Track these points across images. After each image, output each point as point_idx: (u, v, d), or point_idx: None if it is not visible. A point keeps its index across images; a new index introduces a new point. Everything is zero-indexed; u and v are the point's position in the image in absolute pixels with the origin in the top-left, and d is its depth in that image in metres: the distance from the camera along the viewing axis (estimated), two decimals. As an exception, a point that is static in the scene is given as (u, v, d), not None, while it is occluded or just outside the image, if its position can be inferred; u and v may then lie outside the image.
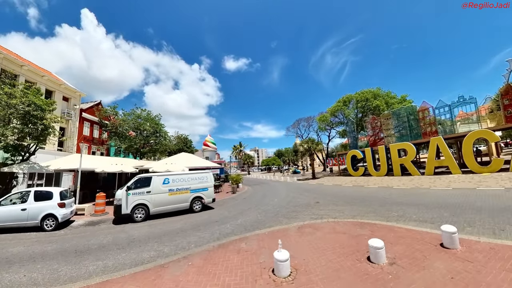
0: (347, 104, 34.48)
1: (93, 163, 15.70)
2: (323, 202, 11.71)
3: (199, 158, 23.68)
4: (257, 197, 15.30)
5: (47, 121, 13.18)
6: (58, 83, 22.77)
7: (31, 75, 20.00)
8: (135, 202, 10.44)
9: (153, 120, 30.71)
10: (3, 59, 17.45)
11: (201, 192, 12.05)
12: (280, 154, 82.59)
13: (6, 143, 12.15)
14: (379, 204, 10.18)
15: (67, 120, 23.75)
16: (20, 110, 12.14)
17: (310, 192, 15.84)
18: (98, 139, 28.76)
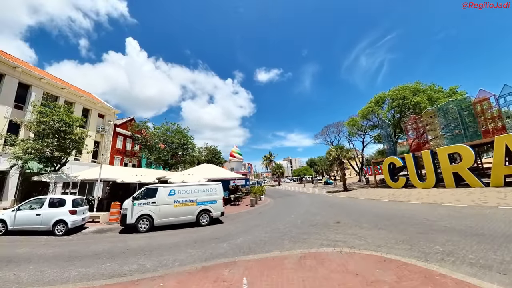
0: (380, 104, 30.65)
1: (115, 173, 16.67)
2: (346, 222, 9.91)
3: (221, 169, 23.69)
4: (273, 212, 14.13)
5: (74, 136, 14.56)
6: (94, 103, 25.81)
7: (70, 96, 23.06)
8: (140, 213, 10.44)
9: (181, 133, 32.37)
10: (46, 84, 20.52)
11: (208, 205, 11.49)
12: (312, 164, 78.44)
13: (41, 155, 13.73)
14: (419, 230, 7.73)
15: (102, 134, 26.43)
16: (51, 127, 13.69)
17: (334, 208, 14.00)
18: (130, 151, 31.31)
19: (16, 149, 13.03)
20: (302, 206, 15.71)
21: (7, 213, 9.27)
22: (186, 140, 32.88)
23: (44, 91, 20.18)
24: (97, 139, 26.03)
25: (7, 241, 8.46)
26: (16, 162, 13.51)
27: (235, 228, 10.06)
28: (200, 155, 45.66)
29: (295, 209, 14.50)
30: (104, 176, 16.40)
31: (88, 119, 25.00)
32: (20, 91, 18.04)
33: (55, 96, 21.29)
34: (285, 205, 17.11)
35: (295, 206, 16.36)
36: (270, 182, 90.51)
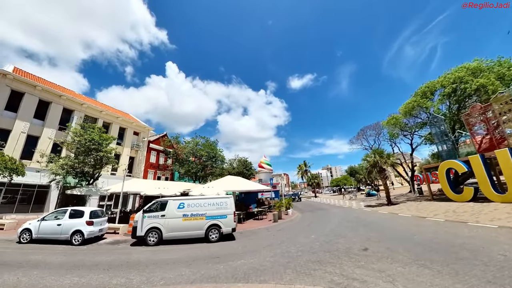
0: (427, 95, 24.57)
1: (142, 186, 17.68)
2: (375, 250, 7.78)
3: (245, 181, 23.13)
4: (293, 230, 12.70)
5: (102, 153, 16.07)
6: (130, 122, 28.86)
7: (108, 117, 26.31)
8: (149, 225, 10.54)
9: (209, 146, 33.54)
10: (87, 108, 23.84)
11: (218, 219, 11.02)
12: (353, 172, 70.02)
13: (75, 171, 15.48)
14: (491, 276, 4.90)
15: (136, 150, 29.01)
16: (83, 145, 15.41)
17: (368, 228, 11.71)
18: (163, 165, 33.57)
19: (53, 165, 14.96)
20: (329, 224, 13.83)
21: (33, 223, 10.34)
22: (214, 152, 34.06)
23: (86, 114, 23.52)
24: (132, 155, 28.68)
25: (28, 248, 9.33)
26: (54, 177, 15.43)
27: (243, 247, 9.22)
28: (231, 167, 46.26)
29: (319, 227, 12.82)
30: (130, 189, 17.56)
31: (124, 136, 27.94)
32: (64, 115, 21.19)
33: (94, 118, 24.57)
34: (310, 222, 15.43)
35: (321, 223, 14.58)
36: (308, 193, 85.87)
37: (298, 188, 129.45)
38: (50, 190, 17.13)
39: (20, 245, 9.63)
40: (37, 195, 17.71)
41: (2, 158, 12.64)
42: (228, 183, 20.43)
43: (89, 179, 17.29)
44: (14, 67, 19.73)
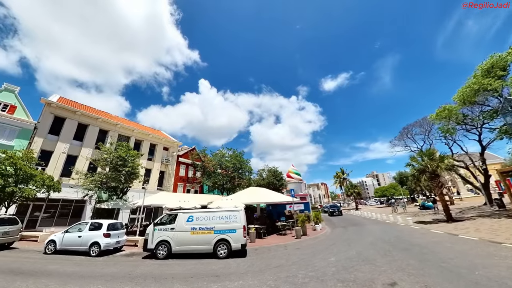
0: (496, 73, 19.06)
1: (164, 199, 18.48)
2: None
3: (269, 192, 22.37)
4: (312, 250, 11.30)
5: (128, 168, 17.41)
6: (160, 138, 31.21)
7: (139, 135, 28.86)
8: (159, 238, 10.75)
9: (236, 157, 33.99)
10: (120, 128, 26.53)
11: (227, 234, 10.63)
12: (403, 179, 59.28)
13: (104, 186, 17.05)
14: None
15: (166, 164, 30.93)
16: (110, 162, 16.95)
17: (407, 254, 9.24)
18: (192, 178, 34.99)
19: (85, 181, 16.72)
20: (358, 244, 12.01)
21: (57, 235, 11.44)
22: (240, 164, 34.35)
23: (119, 133, 26.25)
24: (162, 169, 30.65)
25: (50, 258, 10.27)
26: (87, 193, 17.17)
27: (248, 266, 8.61)
28: (261, 177, 45.82)
29: (344, 248, 11.20)
30: (154, 202, 18.49)
31: (155, 152, 30.19)
32: (100, 135, 23.90)
33: (127, 137, 27.25)
34: (337, 240, 13.74)
35: (349, 242, 12.79)
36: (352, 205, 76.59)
37: (339, 199, 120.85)
38: (86, 204, 19.12)
39: (44, 256, 10.68)
40: (74, 210, 20.01)
41: (41, 176, 14.60)
42: (249, 195, 20.01)
43: (118, 193, 18.78)
44: (59, 96, 23.43)
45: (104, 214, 17.96)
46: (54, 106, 20.96)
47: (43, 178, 14.77)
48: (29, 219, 17.70)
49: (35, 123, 19.40)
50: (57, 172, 19.64)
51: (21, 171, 13.48)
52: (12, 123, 18.19)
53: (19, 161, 13.62)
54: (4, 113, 18.12)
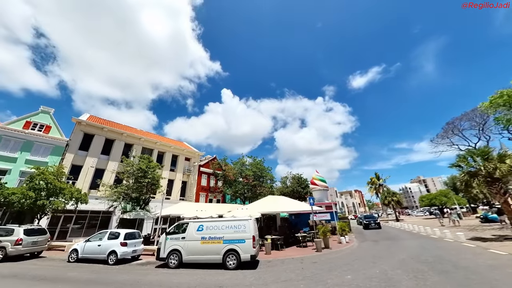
0: None
1: (182, 209, 19.03)
2: None
3: (288, 201, 21.68)
4: (330, 265, 10.24)
5: (147, 179, 18.35)
6: (181, 149, 32.71)
7: (162, 147, 30.48)
8: (171, 248, 11.01)
9: (255, 165, 33.89)
10: (144, 141, 28.38)
11: (236, 244, 10.46)
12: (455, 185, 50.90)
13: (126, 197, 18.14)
14: None
15: (188, 175, 32.01)
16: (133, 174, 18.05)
17: (444, 278, 7.43)
18: (214, 187, 35.57)
19: (109, 193, 17.95)
20: (386, 262, 10.71)
21: (80, 244, 12.29)
22: (261, 172, 34.09)
23: (143, 146, 28.11)
24: (184, 179, 31.78)
25: (72, 266, 11.09)
26: (112, 204, 18.37)
27: (254, 279, 8.35)
28: (284, 185, 44.96)
29: (368, 265, 10.07)
30: (172, 212, 19.10)
31: (177, 163, 31.56)
32: (126, 149, 25.69)
33: (150, 149, 29.01)
34: (362, 255, 12.47)
35: (376, 258, 11.48)
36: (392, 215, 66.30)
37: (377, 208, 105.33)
38: (112, 215, 20.42)
39: (67, 264, 11.51)
40: (102, 220, 21.53)
41: (69, 189, 16.03)
42: (267, 204, 19.65)
43: (141, 203, 19.78)
44: (89, 115, 25.90)
45: (128, 224, 19.00)
46: (84, 124, 23.25)
47: (71, 191, 16.17)
48: (60, 230, 19.45)
49: (67, 140, 21.64)
50: (86, 185, 21.47)
51: (51, 185, 14.94)
52: (47, 142, 20.54)
53: (49, 176, 15.16)
54: (40, 132, 20.59)
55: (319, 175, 35.62)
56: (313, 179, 35.66)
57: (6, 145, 18.78)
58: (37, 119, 20.95)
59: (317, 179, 35.34)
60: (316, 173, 36.10)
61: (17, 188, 14.35)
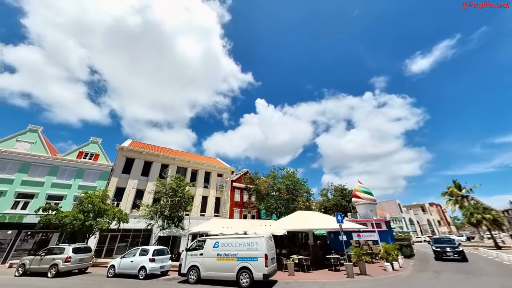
0: None
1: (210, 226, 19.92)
2: None
3: (319, 217, 20.56)
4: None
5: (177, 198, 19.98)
6: (213, 166, 34.59)
7: (195, 165, 32.70)
8: (190, 263, 11.88)
9: (288, 178, 33.44)
10: (178, 161, 31.00)
11: (248, 262, 10.68)
12: None
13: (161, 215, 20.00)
14: None
15: (221, 191, 33.39)
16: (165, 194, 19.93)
17: None
18: (248, 203, 36.01)
19: (144, 212, 20.01)
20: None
21: (117, 260, 14.00)
22: (294, 185, 33.22)
23: (178, 166, 30.68)
24: (218, 195, 33.19)
25: (109, 280, 12.81)
26: (149, 222, 20.35)
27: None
28: (325, 198, 42.72)
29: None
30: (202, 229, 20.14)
31: (210, 180, 33.35)
32: (162, 170, 28.34)
33: (184, 168, 31.44)
34: None
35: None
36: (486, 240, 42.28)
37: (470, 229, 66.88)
38: (152, 233, 22.46)
39: (106, 279, 13.19)
40: (143, 238, 23.79)
41: (112, 210, 18.46)
42: (293, 220, 19.17)
43: (175, 221, 21.44)
44: (131, 141, 29.68)
45: (165, 242, 20.77)
46: (126, 149, 26.78)
47: (114, 211, 18.61)
48: (107, 248, 22.19)
49: (112, 166, 25.13)
50: (128, 205, 24.32)
51: (97, 207, 17.46)
52: (95, 168, 24.26)
53: (95, 199, 17.77)
54: (90, 160, 24.45)
55: (363, 186, 32.49)
56: (356, 191, 32.51)
57: (63, 174, 22.90)
58: (87, 149, 25.04)
59: (360, 191, 32.07)
60: (359, 184, 33.04)
61: (69, 212, 17.22)
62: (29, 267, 14.25)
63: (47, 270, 13.54)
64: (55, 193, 22.16)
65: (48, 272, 13.49)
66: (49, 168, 22.54)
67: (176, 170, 29.66)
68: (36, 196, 21.45)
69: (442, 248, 19.40)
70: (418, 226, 70.66)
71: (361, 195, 31.59)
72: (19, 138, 23.03)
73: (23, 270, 14.29)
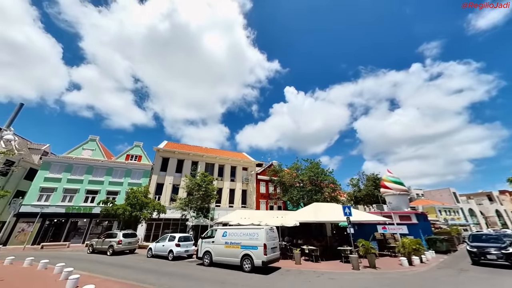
0: None
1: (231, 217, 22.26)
2: None
3: (336, 209, 20.70)
4: (342, 285, 9.87)
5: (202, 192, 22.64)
6: (238, 160, 37.07)
7: (221, 161, 35.56)
8: (204, 249, 14.10)
9: (311, 169, 33.38)
10: (206, 158, 34.15)
11: (250, 250, 12.13)
12: None
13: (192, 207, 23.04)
14: None
15: (246, 183, 35.66)
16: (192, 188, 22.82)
17: None
18: (274, 194, 37.48)
19: (176, 204, 23.23)
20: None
21: (153, 244, 17.27)
22: (317, 176, 33.04)
23: (206, 162, 33.75)
24: (244, 188, 35.57)
25: (147, 260, 15.85)
26: (182, 213, 23.59)
27: (255, 282, 9.84)
28: (356, 189, 41.56)
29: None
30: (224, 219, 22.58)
31: (236, 174, 35.83)
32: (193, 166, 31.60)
33: (212, 164, 34.38)
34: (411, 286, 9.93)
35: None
36: None
37: None
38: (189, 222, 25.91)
39: (146, 258, 16.42)
40: (181, 226, 27.49)
41: (152, 203, 22.06)
42: (306, 213, 19.80)
43: (204, 211, 24.38)
44: (166, 142, 33.71)
45: (197, 230, 23.91)
46: (161, 150, 30.82)
47: (153, 204, 22.19)
48: (154, 234, 26.47)
49: (152, 165, 29.28)
50: (167, 198, 28.33)
51: (140, 200, 21.14)
52: (139, 168, 28.71)
53: (139, 194, 21.48)
54: (135, 161, 28.94)
55: (392, 176, 29.97)
56: (384, 181, 29.91)
57: (116, 173, 27.81)
58: (132, 152, 29.73)
59: (389, 180, 29.49)
60: (388, 173, 30.49)
61: (120, 204, 21.25)
62: (95, 246, 18.49)
63: (106, 250, 17.48)
64: (112, 189, 27.19)
65: (107, 251, 17.41)
66: (106, 169, 27.63)
67: (204, 166, 32.85)
68: (99, 192, 26.66)
69: (481, 249, 13.77)
70: (483, 217, 60.91)
71: (390, 185, 29.33)
72: (84, 147, 28.53)
73: (92, 249, 18.62)
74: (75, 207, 25.35)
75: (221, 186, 33.17)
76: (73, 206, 25.32)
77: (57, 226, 24.97)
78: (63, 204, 25.23)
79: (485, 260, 13.41)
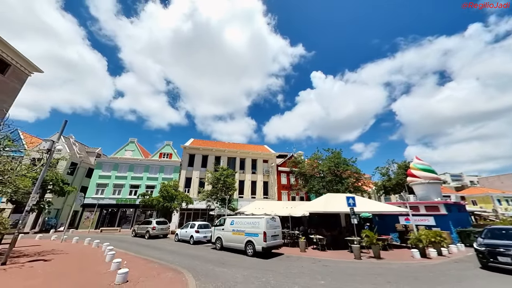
0: None
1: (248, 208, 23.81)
2: None
3: (359, 199, 19.59)
4: (325, 273, 10.32)
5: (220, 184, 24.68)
6: (258, 153, 38.44)
7: (242, 154, 37.31)
8: (216, 235, 15.97)
9: (330, 159, 32.48)
10: (227, 152, 36.22)
11: (252, 237, 13.50)
12: None
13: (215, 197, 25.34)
14: None
15: (267, 175, 36.94)
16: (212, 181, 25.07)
17: None
18: (295, 185, 38.02)
19: (200, 195, 25.77)
20: None
21: (178, 230, 19.92)
22: (337, 166, 32.15)
23: (228, 157, 35.91)
24: (265, 180, 36.94)
25: (173, 243, 18.45)
26: (206, 203, 26.09)
27: (250, 264, 11.17)
28: (385, 179, 39.06)
29: None
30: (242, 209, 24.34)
31: (256, 166, 37.33)
32: (216, 161, 34.00)
33: (233, 158, 36.35)
34: (404, 275, 9.83)
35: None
36: None
37: None
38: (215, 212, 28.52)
39: (173, 242, 19.11)
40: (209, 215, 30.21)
41: (180, 195, 24.96)
42: (317, 203, 20.06)
43: (226, 202, 26.57)
44: (193, 140, 36.73)
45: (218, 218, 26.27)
46: (188, 148, 33.87)
47: (182, 196, 25.09)
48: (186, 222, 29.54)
49: (180, 161, 32.52)
50: (195, 191, 31.45)
51: (169, 193, 24.16)
52: (170, 164, 32.26)
53: (169, 188, 24.52)
54: (167, 159, 32.49)
55: (421, 163, 26.44)
56: (411, 169, 26.66)
57: (152, 170, 31.82)
58: (164, 150, 33.48)
59: (417, 168, 25.84)
60: (417, 160, 27.27)
61: (155, 197, 24.61)
62: (137, 231, 22.04)
63: (145, 234, 20.80)
64: (150, 184, 31.32)
65: (145, 235, 20.71)
66: (143, 167, 31.80)
67: (226, 160, 35.08)
68: (140, 187, 30.96)
69: (493, 247, 10.08)
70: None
71: (419, 173, 26.15)
72: (126, 148, 33.06)
73: (135, 233, 22.24)
74: (123, 199, 30.05)
75: (243, 178, 35.05)
76: (121, 198, 30.07)
77: (111, 214, 29.97)
78: (114, 197, 30.15)
79: (495, 263, 9.82)
